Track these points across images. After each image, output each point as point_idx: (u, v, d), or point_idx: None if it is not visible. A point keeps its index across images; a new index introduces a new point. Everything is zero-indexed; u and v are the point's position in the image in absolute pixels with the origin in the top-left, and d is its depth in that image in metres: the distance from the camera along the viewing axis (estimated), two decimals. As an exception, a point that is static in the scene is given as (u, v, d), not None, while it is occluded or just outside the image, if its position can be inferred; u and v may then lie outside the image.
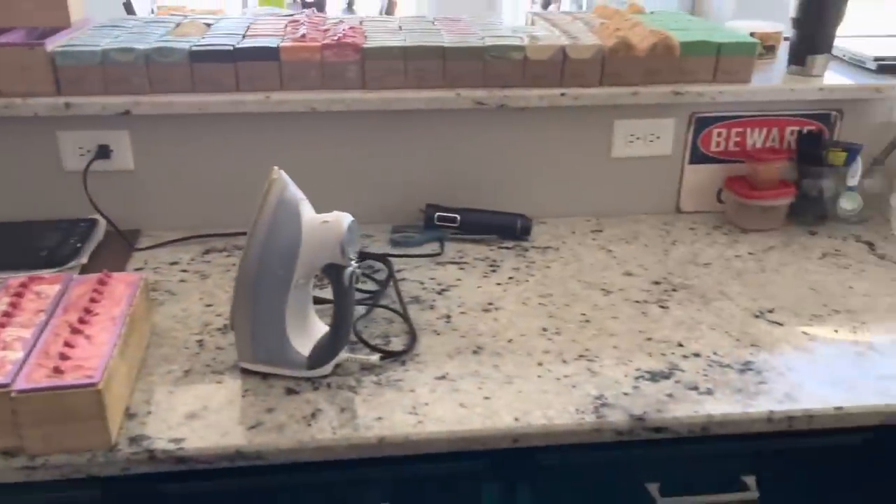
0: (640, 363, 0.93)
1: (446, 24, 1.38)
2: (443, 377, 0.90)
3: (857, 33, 1.52)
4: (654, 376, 0.90)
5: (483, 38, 1.25)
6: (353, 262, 0.85)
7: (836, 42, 1.33)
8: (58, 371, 0.74)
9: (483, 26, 1.36)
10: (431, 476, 0.86)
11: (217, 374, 0.89)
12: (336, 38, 1.21)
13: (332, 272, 0.85)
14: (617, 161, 1.32)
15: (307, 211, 0.85)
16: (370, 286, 1.09)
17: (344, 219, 0.84)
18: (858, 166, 1.29)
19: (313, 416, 0.83)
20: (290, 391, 0.86)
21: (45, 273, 1.02)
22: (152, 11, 2.93)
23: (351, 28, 1.29)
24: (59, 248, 1.12)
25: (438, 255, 1.21)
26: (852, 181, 1.29)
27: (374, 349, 0.93)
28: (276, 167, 0.86)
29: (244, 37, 1.24)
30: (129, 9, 2.93)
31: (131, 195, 1.24)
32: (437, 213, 1.25)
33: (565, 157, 1.31)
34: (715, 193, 1.36)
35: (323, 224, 0.83)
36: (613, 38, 1.24)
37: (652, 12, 1.55)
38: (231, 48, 1.17)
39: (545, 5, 3.79)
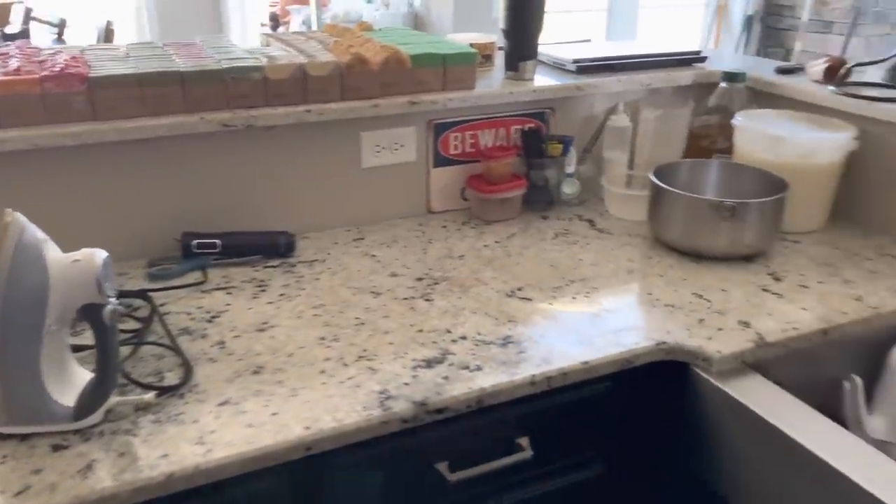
0: (415, 354, 0.99)
1: (178, 48, 1.35)
2: (226, 402, 0.88)
3: (557, 41, 1.75)
4: (430, 363, 0.97)
5: (219, 60, 1.25)
6: (111, 300, 0.81)
7: (542, 49, 1.52)
8: None
9: (217, 49, 1.35)
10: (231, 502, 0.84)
11: (-35, 446, 0.80)
12: (57, 69, 1.13)
13: (90, 312, 0.80)
14: (368, 171, 1.38)
15: (52, 252, 0.79)
16: (132, 325, 1.04)
17: (97, 255, 0.80)
18: (573, 155, 1.48)
19: (89, 468, 0.77)
20: (57, 448, 0.80)
21: None
22: None
23: (72, 58, 1.21)
24: None
25: (202, 283, 1.18)
26: (569, 169, 1.47)
27: (148, 387, 0.89)
28: (8, 210, 0.79)
29: (-58, 72, 1.11)
30: None
31: None
32: (196, 241, 1.22)
33: (319, 172, 1.34)
34: (459, 192, 1.48)
35: (74, 263, 0.78)
36: (348, 55, 1.30)
37: (380, 29, 1.64)
38: (-72, 86, 1.04)
39: (274, 27, 3.80)
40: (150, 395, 0.87)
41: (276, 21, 3.76)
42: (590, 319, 1.08)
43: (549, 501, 1.06)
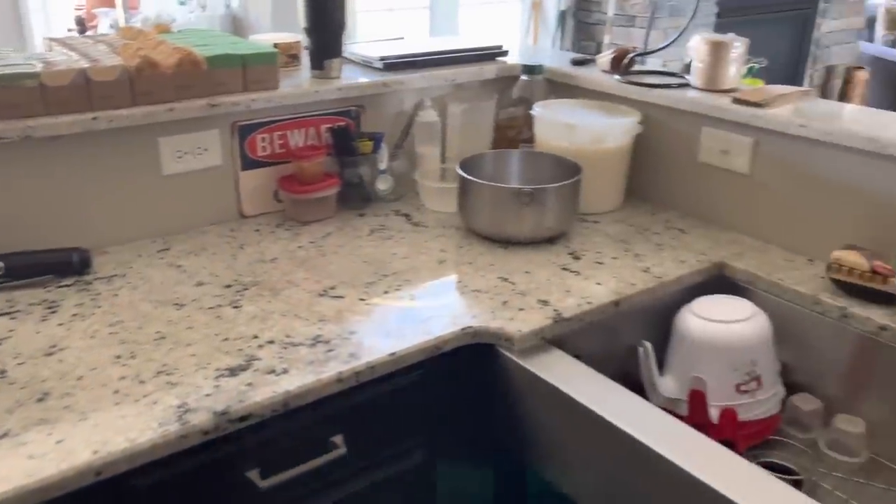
0: (218, 363, 0.96)
1: (-60, 55, 1.23)
2: (3, 436, 0.82)
3: (376, 39, 1.76)
4: (233, 371, 0.95)
5: (-13, 67, 1.15)
6: None
7: (351, 48, 1.52)
8: None
9: (-12, 55, 1.24)
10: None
11: None
12: None
13: None
14: (170, 178, 1.33)
15: None
16: None
17: None
18: (384, 152, 1.49)
19: None
20: None
21: None
22: None
23: None
24: None
25: (-18, 310, 1.08)
26: (382, 165, 1.49)
27: None
28: None
29: None
30: None
31: None
32: (-28, 265, 1.12)
33: (115, 182, 1.27)
34: (272, 194, 1.45)
35: None
36: (136, 58, 1.24)
37: (179, 31, 1.57)
38: None
39: (82, 31, 3.54)
40: None
41: (82, 25, 3.51)
42: (400, 311, 1.10)
43: (371, 495, 1.06)
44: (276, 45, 1.48)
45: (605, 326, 1.16)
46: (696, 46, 1.42)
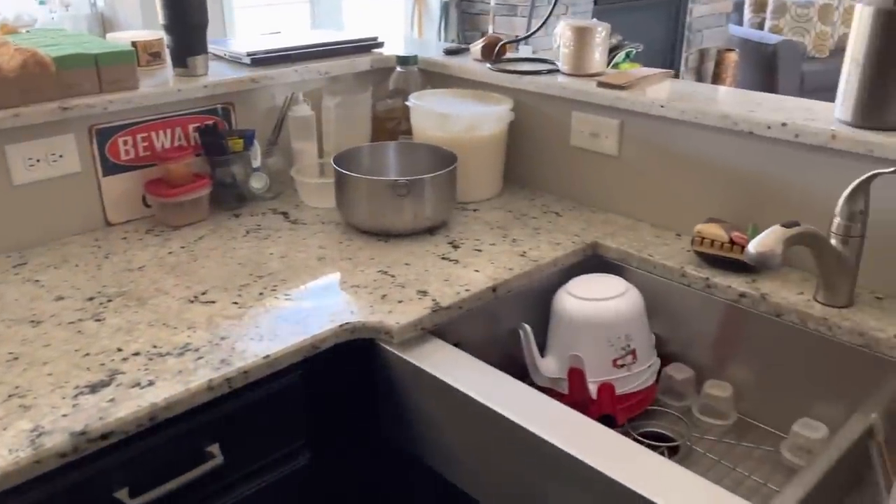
0: (77, 381, 0.91)
1: None
2: None
3: (255, 35, 1.70)
4: (94, 388, 0.90)
5: None
6: None
7: (218, 44, 1.47)
8: None
9: None
10: None
11: None
12: None
13: None
14: (22, 188, 1.24)
15: None
16: None
17: None
18: (257, 149, 1.45)
19: None
20: None
21: None
22: None
23: None
24: None
25: None
26: (255, 162, 1.45)
27: None
28: None
29: None
30: None
31: None
32: None
33: (-43, 196, 1.18)
34: (140, 199, 1.38)
35: None
36: (-27, 60, 1.15)
37: (27, 31, 1.48)
38: None
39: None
40: None
41: (-68, 28, 3.26)
42: (275, 313, 1.07)
43: (262, 500, 1.03)
44: (134, 44, 1.41)
45: (485, 312, 1.17)
46: (562, 32, 1.45)
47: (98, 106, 1.26)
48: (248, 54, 1.51)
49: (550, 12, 1.58)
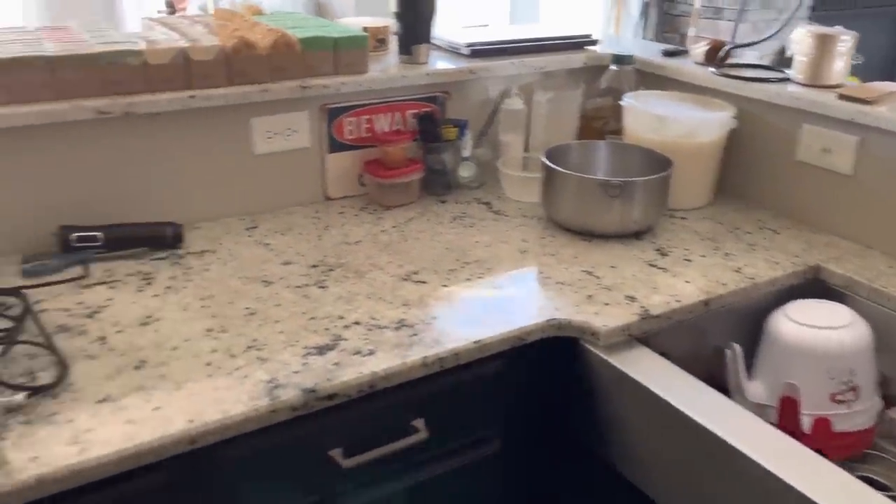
0: (306, 342, 0.98)
1: (49, 32, 1.28)
2: (104, 400, 0.85)
3: (460, 26, 1.75)
4: (321, 350, 0.96)
5: (94, 45, 1.19)
6: (-29, 297, 0.76)
7: (438, 34, 1.52)
8: None
9: (94, 33, 1.28)
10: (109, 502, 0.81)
11: None
12: None
13: (-54, 312, 0.75)
14: (260, 158, 1.35)
15: None
16: (2, 324, 0.98)
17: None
18: (468, 139, 1.48)
19: (-50, 476, 0.73)
20: (-85, 457, 0.75)
21: None
22: None
23: (-72, 41, 1.12)
24: None
25: (82, 278, 1.12)
26: (466, 152, 1.48)
27: (18, 388, 0.85)
28: None
29: None
30: None
31: None
32: (75, 234, 1.17)
33: (208, 160, 1.30)
34: (356, 178, 1.46)
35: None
36: (233, 38, 1.26)
37: (271, 13, 1.60)
38: None
39: (171, 13, 3.65)
40: (20, 396, 0.82)
41: (172, 7, 3.61)
42: (482, 300, 1.09)
43: (448, 481, 1.06)
44: (365, 29, 1.49)
45: (693, 326, 1.13)
46: (801, 39, 1.36)
47: (332, 87, 1.35)
48: (468, 45, 1.55)
49: (793, 14, 1.48)
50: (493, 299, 1.10)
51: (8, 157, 1.14)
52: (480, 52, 1.55)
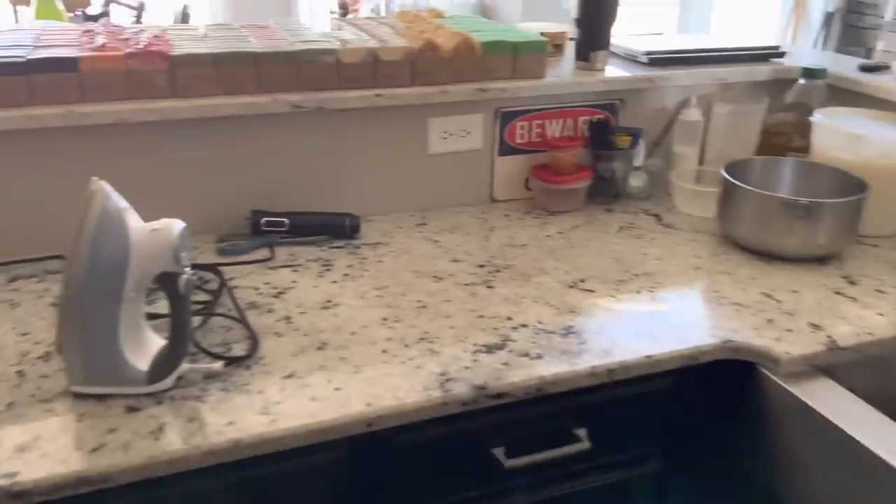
0: (475, 339, 0.99)
1: (253, 30, 1.38)
2: (290, 376, 0.90)
3: (628, 34, 1.72)
4: (490, 349, 0.97)
5: (293, 42, 1.27)
6: (187, 270, 0.84)
7: (613, 40, 1.50)
8: None
9: (291, 31, 1.37)
10: (292, 472, 0.86)
11: (45, 402, 0.84)
12: (140, 46, 1.17)
13: (167, 281, 0.83)
14: (433, 157, 1.39)
15: (133, 220, 0.82)
16: (202, 297, 1.07)
17: (175, 225, 0.82)
18: (642, 148, 1.45)
19: (160, 430, 0.80)
20: (130, 409, 0.83)
21: None
22: None
23: (154, 36, 1.24)
24: None
25: (269, 259, 1.20)
26: (637, 162, 1.45)
27: (217, 357, 0.92)
28: (95, 178, 0.82)
29: (35, 48, 1.16)
30: None
31: (-87, 226, 1.12)
32: (264, 219, 1.25)
33: (385, 156, 1.36)
34: (523, 182, 1.47)
35: (153, 232, 0.81)
36: (420, 40, 1.30)
37: (451, 16, 1.64)
38: (22, 60, 1.09)
39: (343, 15, 3.83)
40: (218, 365, 0.89)
41: (345, 8, 3.80)
42: (653, 314, 1.07)
43: (603, 495, 1.05)
44: (543, 35, 1.49)
45: (883, 362, 1.04)
46: None
47: (509, 90, 1.36)
48: (647, 53, 1.52)
49: None
50: (665, 314, 1.07)
51: (212, 145, 1.24)
52: (659, 60, 1.51)
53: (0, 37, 1.23)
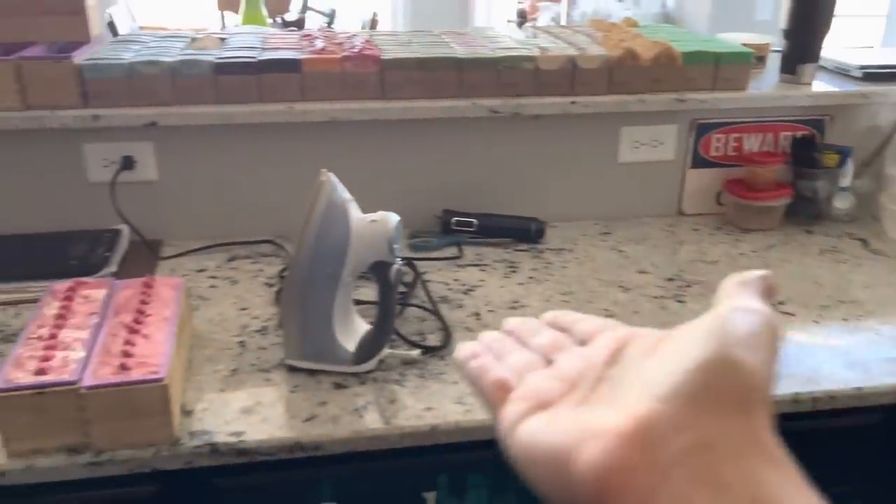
0: (667, 352, 0.97)
1: (453, 36, 1.43)
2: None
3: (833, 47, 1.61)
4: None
5: (493, 49, 1.31)
6: (398, 260, 0.89)
7: (823, 53, 1.42)
8: (124, 368, 0.76)
9: (489, 38, 1.41)
10: (479, 462, 0.89)
11: (264, 371, 0.92)
12: (355, 50, 1.25)
13: (379, 269, 0.88)
14: (623, 166, 1.38)
15: (354, 211, 0.89)
16: (399, 289, 1.12)
17: (391, 218, 0.87)
18: (850, 168, 1.36)
19: (364, 408, 0.85)
20: (338, 386, 0.89)
21: (81, 280, 1.03)
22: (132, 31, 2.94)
23: (366, 41, 1.33)
24: (88, 257, 1.13)
25: (458, 258, 1.24)
26: (845, 182, 1.36)
27: (414, 345, 0.97)
28: (324, 169, 0.89)
29: (263, 50, 1.27)
30: (112, 29, 2.93)
31: (153, 205, 1.26)
32: (454, 218, 1.29)
33: (575, 163, 1.36)
34: (714, 196, 1.42)
35: (371, 223, 0.87)
36: (619, 49, 1.30)
37: (645, 26, 1.62)
38: (254, 60, 1.20)
39: (521, 24, 3.88)
40: (416, 352, 0.94)
41: (523, 17, 3.84)
42: (864, 344, 1.00)
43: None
44: (746, 45, 1.43)
45: None
46: None
47: (708, 102, 1.32)
48: (860, 67, 1.42)
49: None
50: (877, 346, 0.99)
51: (412, 145, 1.30)
52: (875, 75, 1.41)
53: (234, 39, 1.36)
